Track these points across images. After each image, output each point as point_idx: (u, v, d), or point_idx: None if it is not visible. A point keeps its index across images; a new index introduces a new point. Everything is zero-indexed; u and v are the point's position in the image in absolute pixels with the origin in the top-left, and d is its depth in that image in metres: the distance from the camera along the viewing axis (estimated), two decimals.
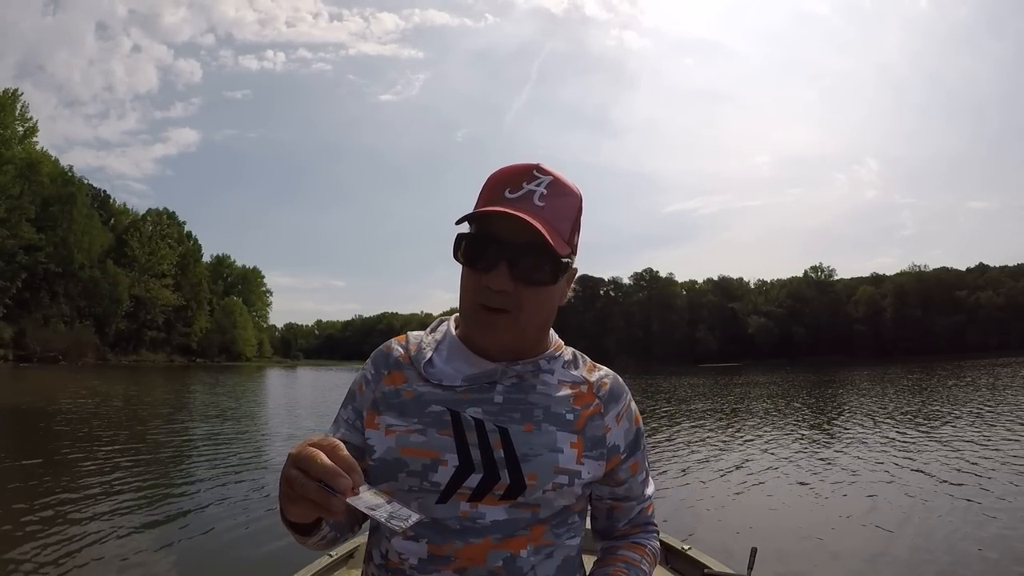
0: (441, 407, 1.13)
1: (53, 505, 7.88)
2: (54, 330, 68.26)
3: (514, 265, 1.08)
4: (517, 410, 1.13)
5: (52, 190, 71.23)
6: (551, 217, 1.09)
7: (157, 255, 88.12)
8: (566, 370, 1.22)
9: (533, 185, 1.10)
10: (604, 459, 1.18)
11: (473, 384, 1.15)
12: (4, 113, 66.43)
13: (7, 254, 63.95)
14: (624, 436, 1.22)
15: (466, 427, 1.11)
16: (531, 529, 1.10)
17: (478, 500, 1.08)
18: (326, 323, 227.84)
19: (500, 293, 1.08)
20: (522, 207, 1.08)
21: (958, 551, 6.26)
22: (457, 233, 1.12)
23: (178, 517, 7.76)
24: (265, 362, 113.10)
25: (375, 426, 1.17)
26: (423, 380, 1.18)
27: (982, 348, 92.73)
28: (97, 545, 6.45)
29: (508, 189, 1.10)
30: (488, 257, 1.09)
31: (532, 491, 1.09)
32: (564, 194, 1.13)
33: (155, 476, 10.21)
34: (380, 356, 1.27)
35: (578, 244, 1.19)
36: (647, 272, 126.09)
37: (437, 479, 1.09)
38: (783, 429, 15.88)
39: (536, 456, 1.10)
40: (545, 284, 1.11)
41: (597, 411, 1.18)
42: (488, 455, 1.09)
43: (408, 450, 1.12)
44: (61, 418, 17.81)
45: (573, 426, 1.15)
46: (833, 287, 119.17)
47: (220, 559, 6.35)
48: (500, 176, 1.14)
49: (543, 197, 1.10)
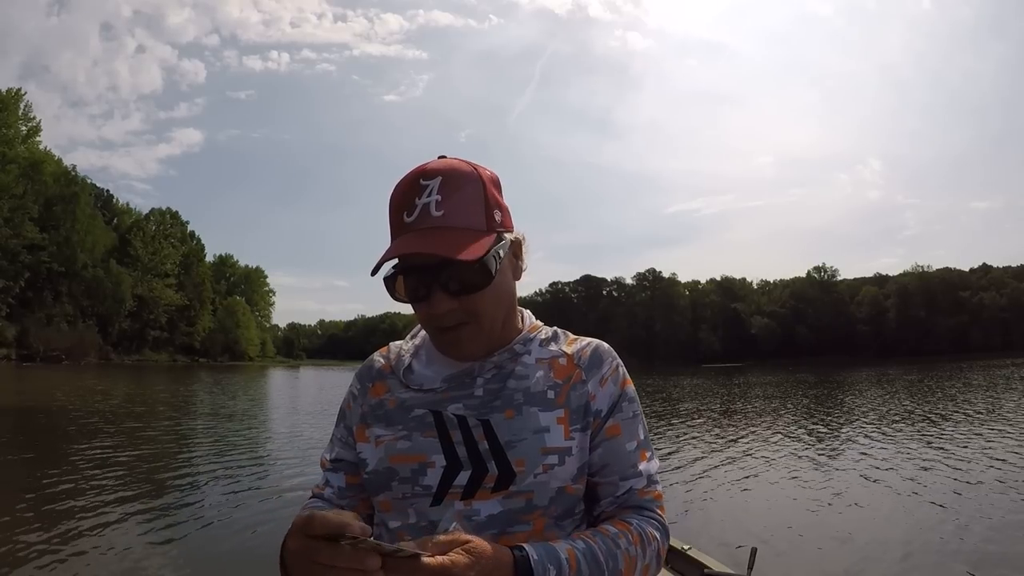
0: (423, 409, 1.13)
1: (55, 504, 7.89)
2: (57, 330, 68.35)
3: (446, 285, 1.06)
4: (498, 399, 1.11)
5: (55, 190, 71.46)
6: (454, 219, 1.06)
7: (160, 255, 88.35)
8: (544, 347, 1.19)
9: (424, 197, 1.06)
10: (590, 428, 1.13)
11: (452, 382, 1.14)
12: (7, 113, 66.65)
13: (10, 253, 64.12)
14: (608, 399, 1.16)
15: (449, 425, 1.10)
16: (532, 522, 1.07)
17: (471, 497, 1.06)
18: (329, 323, 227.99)
19: (448, 314, 1.07)
20: (420, 227, 1.05)
21: (960, 551, 6.22)
22: (383, 278, 1.10)
23: (179, 516, 7.77)
24: (268, 362, 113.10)
25: (365, 439, 1.16)
26: (405, 387, 1.17)
27: (986, 349, 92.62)
28: (98, 544, 6.47)
29: (405, 213, 1.07)
30: (419, 290, 1.08)
31: (523, 477, 1.06)
32: (460, 185, 1.08)
33: (156, 476, 10.20)
34: (364, 370, 1.27)
35: (506, 213, 1.15)
36: (650, 272, 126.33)
37: (427, 482, 1.08)
38: (785, 429, 15.84)
39: (521, 441, 1.07)
40: (484, 286, 1.08)
41: (579, 379, 1.15)
42: (474, 450, 1.07)
43: (396, 457, 1.11)
44: (64, 417, 17.84)
45: (556, 402, 1.11)
46: (836, 287, 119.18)
47: (220, 558, 6.36)
48: (394, 200, 1.10)
49: (439, 204, 1.06)
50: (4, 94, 66.93)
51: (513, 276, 1.17)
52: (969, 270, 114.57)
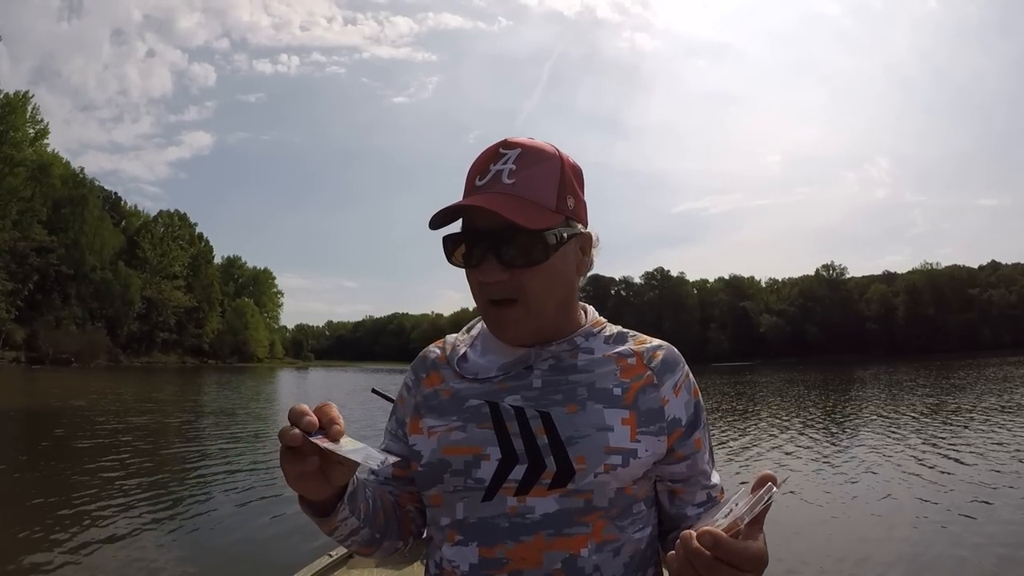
0: (479, 400, 1.09)
1: (65, 507, 7.91)
2: (66, 332, 68.55)
3: (500, 253, 1.04)
4: (559, 391, 1.07)
5: (63, 192, 71.83)
6: (524, 189, 1.04)
7: (168, 256, 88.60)
8: (609, 344, 1.15)
9: (500, 164, 1.06)
10: (664, 434, 1.08)
11: (509, 372, 1.10)
12: (15, 116, 66.87)
13: (19, 256, 64.30)
14: (684, 408, 1.11)
15: (506, 417, 1.06)
16: (591, 523, 1.02)
17: (525, 493, 1.02)
18: (337, 324, 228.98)
19: (497, 284, 1.05)
20: (490, 190, 1.04)
21: (961, 551, 6.16)
22: (443, 236, 1.09)
23: (182, 516, 7.84)
24: (277, 363, 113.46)
25: (419, 431, 1.13)
26: (459, 377, 1.14)
27: (995, 346, 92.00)
28: (107, 545, 6.52)
29: (478, 177, 1.07)
30: (474, 253, 1.06)
31: (582, 476, 1.01)
32: (537, 161, 1.07)
33: (166, 478, 10.21)
34: (418, 362, 1.24)
35: (581, 205, 1.12)
36: (658, 271, 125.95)
37: (480, 475, 1.04)
38: (789, 428, 15.74)
39: (583, 437, 1.02)
40: (538, 263, 1.04)
41: (649, 382, 1.10)
42: (531, 443, 1.03)
43: (449, 449, 1.07)
44: (73, 419, 17.89)
45: (622, 401, 1.07)
46: (845, 285, 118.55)
47: (222, 558, 6.41)
48: (473, 166, 1.10)
49: (512, 173, 1.05)
50: (11, 97, 67.20)
51: (577, 270, 1.13)
52: (978, 267, 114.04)
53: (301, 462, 0.86)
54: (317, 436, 0.85)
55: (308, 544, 6.06)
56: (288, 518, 7.57)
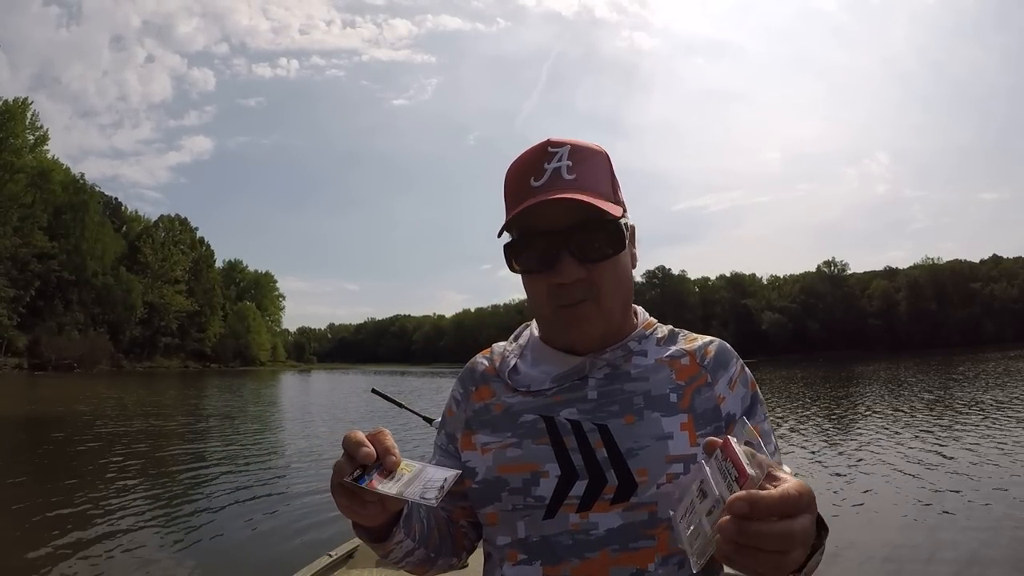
0: (533, 415, 1.06)
1: (69, 510, 7.93)
2: (68, 338, 68.63)
3: (577, 250, 1.00)
4: (615, 403, 1.03)
5: (64, 198, 71.89)
6: (588, 184, 1.02)
7: (170, 261, 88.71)
8: (661, 346, 1.12)
9: (555, 162, 1.02)
10: (722, 433, 1.00)
11: (563, 384, 1.06)
12: (14, 122, 66.96)
13: (20, 262, 64.46)
14: (740, 403, 1.07)
15: (563, 431, 1.02)
16: (656, 536, 0.98)
17: (587, 509, 0.99)
18: (339, 326, 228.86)
19: (575, 284, 1.01)
20: (555, 189, 1.00)
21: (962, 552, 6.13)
22: (503, 245, 1.05)
23: (183, 517, 7.87)
24: (279, 366, 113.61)
25: (472, 447, 1.10)
26: (511, 390, 1.10)
27: (998, 340, 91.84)
28: (104, 544, 6.58)
29: (532, 178, 1.02)
30: (547, 255, 1.01)
31: (645, 488, 0.98)
32: (589, 156, 1.05)
33: (164, 479, 10.24)
34: (466, 373, 1.20)
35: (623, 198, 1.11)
36: (659, 270, 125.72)
37: (540, 493, 1.00)
38: (793, 426, 15.74)
39: (643, 448, 0.99)
40: (616, 254, 1.03)
41: (704, 382, 1.07)
42: (591, 457, 1.00)
43: (506, 467, 1.04)
44: (75, 425, 17.93)
45: (679, 406, 1.03)
46: (846, 281, 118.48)
47: (222, 558, 6.43)
48: (518, 168, 1.06)
49: (570, 169, 1.02)
50: (11, 104, 67.27)
51: (631, 264, 1.10)
52: (980, 261, 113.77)
53: (361, 506, 0.85)
54: (373, 472, 0.83)
55: (308, 544, 6.08)
56: (288, 518, 7.59)
